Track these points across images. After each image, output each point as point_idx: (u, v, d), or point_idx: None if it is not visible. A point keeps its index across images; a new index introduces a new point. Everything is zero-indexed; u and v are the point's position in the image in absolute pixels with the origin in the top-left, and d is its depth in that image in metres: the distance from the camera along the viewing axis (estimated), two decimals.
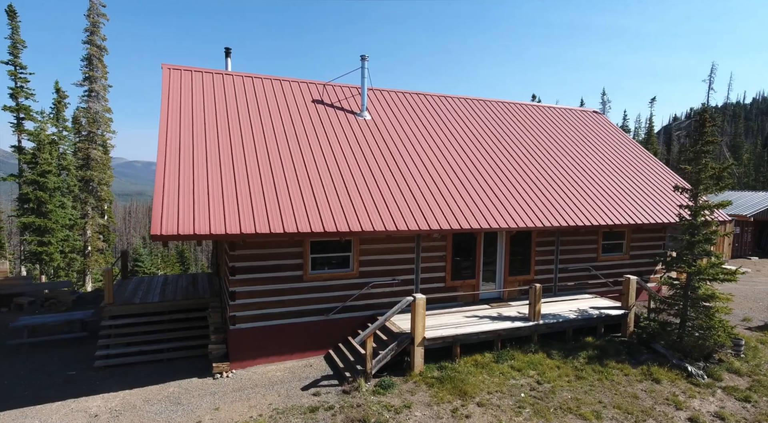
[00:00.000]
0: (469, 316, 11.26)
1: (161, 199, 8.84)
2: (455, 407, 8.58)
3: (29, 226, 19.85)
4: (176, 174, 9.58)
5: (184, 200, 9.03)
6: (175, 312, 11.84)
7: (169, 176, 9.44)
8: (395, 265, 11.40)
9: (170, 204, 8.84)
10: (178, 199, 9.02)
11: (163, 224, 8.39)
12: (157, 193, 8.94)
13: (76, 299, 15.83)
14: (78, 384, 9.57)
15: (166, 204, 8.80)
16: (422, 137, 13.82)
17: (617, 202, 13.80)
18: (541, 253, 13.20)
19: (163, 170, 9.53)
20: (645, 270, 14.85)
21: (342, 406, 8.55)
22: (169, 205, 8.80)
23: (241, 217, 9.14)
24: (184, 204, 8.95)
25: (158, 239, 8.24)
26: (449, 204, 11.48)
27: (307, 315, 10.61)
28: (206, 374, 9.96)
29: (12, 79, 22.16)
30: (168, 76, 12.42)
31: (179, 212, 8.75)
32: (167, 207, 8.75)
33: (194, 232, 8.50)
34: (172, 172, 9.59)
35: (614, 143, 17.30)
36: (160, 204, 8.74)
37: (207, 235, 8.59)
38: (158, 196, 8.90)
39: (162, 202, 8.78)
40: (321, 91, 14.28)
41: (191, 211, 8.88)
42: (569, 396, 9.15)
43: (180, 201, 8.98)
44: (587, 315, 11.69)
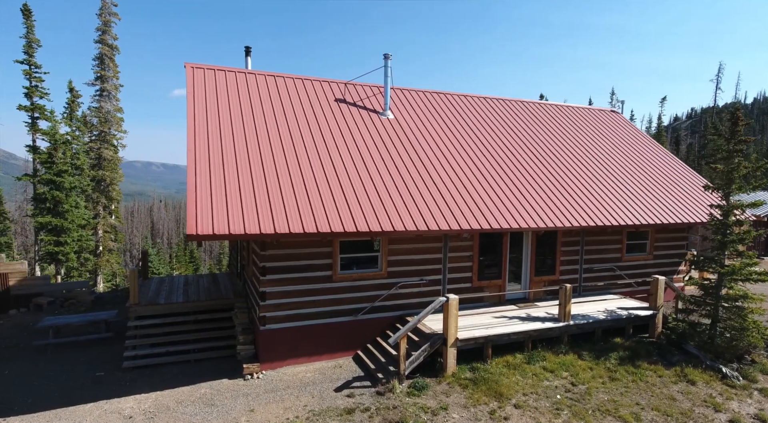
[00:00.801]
0: (498, 317, 11.16)
1: (194, 199, 8.75)
2: (492, 409, 8.48)
3: (45, 225, 19.77)
4: (207, 174, 9.50)
5: (217, 200, 8.94)
6: (200, 312, 11.75)
7: (200, 176, 9.35)
8: (423, 265, 11.31)
9: (204, 204, 8.75)
10: (211, 199, 8.93)
11: (199, 224, 8.30)
12: (189, 193, 8.85)
13: (94, 299, 15.75)
14: (108, 385, 9.49)
15: (200, 204, 8.71)
16: (445, 136, 13.72)
17: (642, 201, 13.69)
18: (566, 253, 13.10)
19: (194, 170, 9.44)
20: (668, 270, 14.74)
21: (378, 408, 8.45)
22: (203, 206, 8.71)
23: (275, 216, 9.05)
24: (218, 204, 8.86)
25: (194, 239, 8.15)
26: (477, 203, 11.38)
27: (336, 315, 10.52)
28: (236, 375, 9.86)
29: (27, 79, 22.11)
30: (192, 75, 12.33)
31: (213, 212, 8.66)
32: (201, 207, 8.66)
33: (229, 232, 8.41)
34: (203, 172, 9.50)
35: (634, 143, 17.19)
36: (194, 204, 8.65)
37: (242, 235, 8.50)
38: (191, 196, 8.81)
39: (195, 203, 8.69)
40: (343, 90, 14.19)
41: (225, 211, 8.79)
42: (606, 398, 9.04)
43: (213, 201, 8.89)
44: (616, 316, 11.58)
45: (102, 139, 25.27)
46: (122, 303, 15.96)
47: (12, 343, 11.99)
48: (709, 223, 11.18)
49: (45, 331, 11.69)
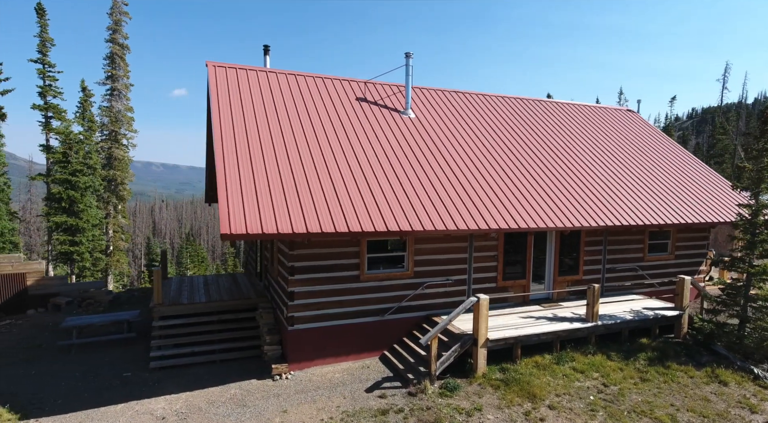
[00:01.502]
0: (525, 317, 11.08)
1: (226, 199, 8.69)
2: (527, 410, 8.41)
3: (61, 225, 19.71)
4: (236, 173, 9.43)
5: (249, 200, 8.88)
6: (223, 312, 11.68)
7: (230, 175, 9.29)
8: (448, 265, 11.24)
9: (235, 203, 8.68)
10: (242, 198, 8.86)
11: (231, 224, 8.23)
12: (220, 193, 8.78)
13: (112, 299, 15.69)
14: (136, 385, 9.42)
15: (232, 203, 8.64)
16: (467, 135, 13.65)
17: (665, 201, 13.61)
18: (590, 253, 13.02)
19: (224, 169, 9.37)
20: (689, 270, 14.65)
21: (411, 409, 8.38)
22: (235, 205, 8.65)
23: (306, 216, 8.98)
24: (249, 204, 8.79)
25: (228, 238, 8.08)
26: (503, 202, 11.30)
27: (363, 315, 10.45)
28: (265, 376, 9.79)
29: (41, 78, 22.05)
30: (214, 74, 12.27)
31: (245, 212, 8.59)
32: (233, 207, 8.59)
33: (262, 232, 8.34)
34: (232, 171, 9.43)
35: (653, 142, 17.11)
36: (226, 203, 8.59)
37: (274, 234, 8.43)
38: (222, 196, 8.75)
39: (227, 202, 8.62)
40: (363, 88, 14.12)
41: (256, 210, 8.72)
42: (639, 399, 8.97)
43: (245, 201, 8.82)
44: (643, 316, 11.50)
45: (113, 139, 25.23)
46: (139, 303, 15.91)
47: (34, 343, 11.93)
48: (738, 223, 11.10)
49: (68, 332, 11.62)
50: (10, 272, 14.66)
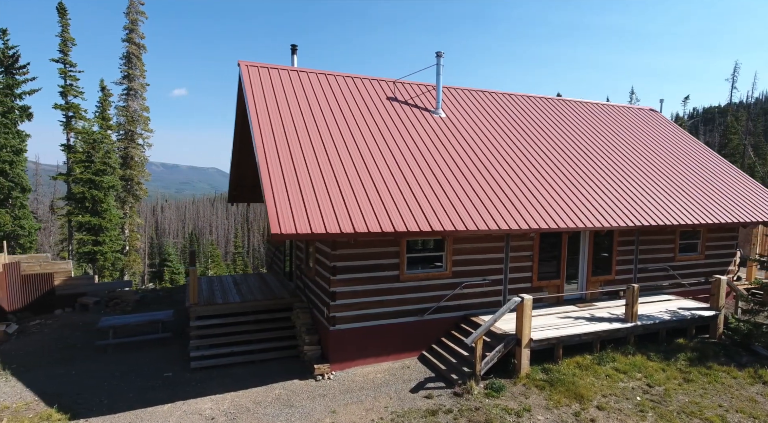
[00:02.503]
0: (563, 317, 11.05)
1: (273, 200, 8.66)
2: (576, 411, 8.37)
3: (84, 225, 19.69)
4: (280, 174, 9.40)
5: (294, 200, 8.85)
6: (258, 312, 11.65)
7: (274, 177, 9.26)
8: (485, 265, 11.20)
9: (282, 204, 8.66)
10: (288, 198, 8.83)
11: (281, 224, 8.21)
12: (267, 194, 8.76)
13: (138, 299, 15.67)
14: (180, 385, 9.40)
15: (279, 204, 8.62)
16: (497, 134, 13.61)
17: (695, 201, 13.56)
18: (622, 253, 12.97)
19: (267, 171, 9.34)
20: (719, 270, 14.61)
21: (460, 410, 8.35)
22: (282, 206, 8.62)
23: (351, 216, 8.95)
24: (296, 204, 8.77)
25: (278, 238, 8.06)
26: (540, 202, 11.27)
27: (402, 315, 10.42)
28: (306, 376, 9.76)
29: (62, 77, 22.03)
30: (247, 74, 12.24)
31: (293, 212, 8.57)
32: (281, 207, 8.57)
33: (311, 232, 8.31)
34: (276, 172, 9.40)
35: (679, 142, 17.05)
36: (273, 204, 8.56)
37: (323, 234, 8.40)
38: (269, 197, 8.72)
39: (274, 203, 8.60)
40: (392, 88, 14.08)
41: (303, 210, 8.70)
42: (686, 399, 8.93)
43: (291, 201, 8.80)
44: (680, 316, 11.46)
45: (129, 138, 25.22)
46: (165, 302, 15.90)
47: (68, 342, 11.92)
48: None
49: (104, 332, 11.61)
50: (38, 272, 14.66)
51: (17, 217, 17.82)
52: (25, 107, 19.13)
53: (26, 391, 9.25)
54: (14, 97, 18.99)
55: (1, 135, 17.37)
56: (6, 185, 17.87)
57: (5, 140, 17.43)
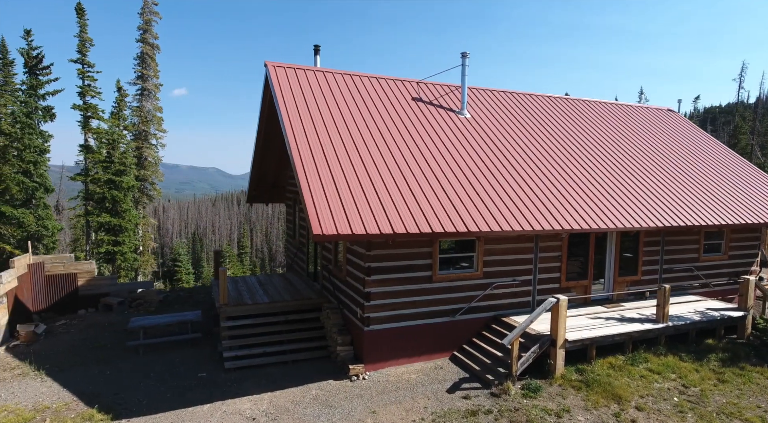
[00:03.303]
0: (593, 318, 11.06)
1: (312, 201, 8.69)
2: (615, 411, 8.39)
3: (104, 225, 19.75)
4: (316, 175, 9.43)
5: (333, 201, 8.88)
6: (288, 313, 11.68)
7: (311, 178, 9.29)
8: (515, 265, 11.22)
9: (322, 206, 8.69)
10: (326, 200, 8.86)
11: (322, 225, 8.24)
12: (306, 196, 8.79)
13: (162, 299, 15.71)
14: (216, 385, 9.43)
15: (318, 206, 8.66)
16: (522, 135, 13.62)
17: (720, 201, 13.56)
18: (648, 253, 12.98)
19: (304, 173, 9.37)
20: (742, 270, 14.60)
21: (500, 410, 8.37)
22: (321, 208, 8.66)
23: (389, 216, 8.98)
24: (335, 205, 8.80)
25: (320, 239, 8.09)
26: (570, 202, 11.29)
27: (434, 316, 10.44)
28: (341, 376, 9.79)
29: (80, 78, 22.08)
30: (275, 74, 12.26)
31: (333, 213, 8.60)
32: (320, 209, 8.60)
33: (351, 232, 8.34)
34: (312, 173, 9.43)
35: (700, 142, 17.05)
36: (313, 206, 8.60)
37: (362, 235, 8.43)
38: (308, 198, 8.75)
39: (314, 205, 8.63)
40: (417, 88, 14.10)
41: (342, 212, 8.72)
42: (724, 400, 8.93)
43: (329, 202, 8.83)
44: (710, 317, 11.47)
45: (143, 138, 25.28)
46: (188, 303, 15.93)
47: (98, 342, 11.95)
48: None
49: (135, 332, 11.65)
50: (62, 272, 14.70)
51: (40, 217, 17.90)
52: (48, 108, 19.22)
53: (63, 391, 9.29)
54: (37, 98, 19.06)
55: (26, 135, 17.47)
56: (30, 185, 17.97)
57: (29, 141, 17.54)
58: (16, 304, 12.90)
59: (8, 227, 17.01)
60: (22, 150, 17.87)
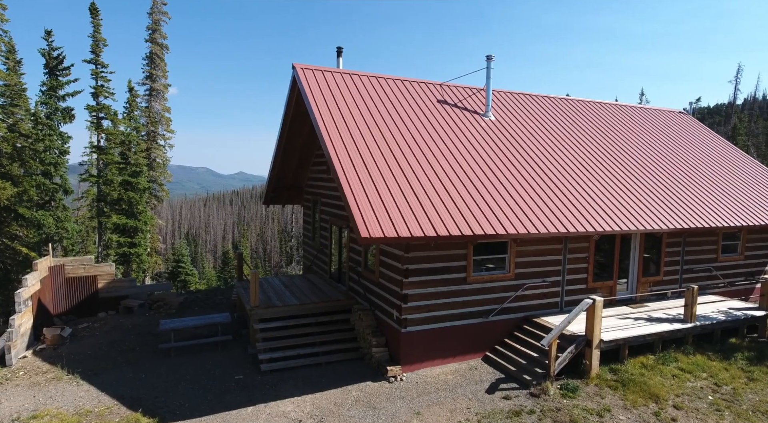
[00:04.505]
0: (622, 318, 11.22)
1: (356, 205, 8.77)
2: (655, 411, 8.54)
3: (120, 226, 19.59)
4: (356, 177, 9.48)
5: (376, 205, 8.96)
6: (318, 314, 11.72)
7: (352, 181, 9.36)
8: (545, 267, 11.35)
9: (366, 209, 8.77)
10: (370, 203, 8.93)
11: (369, 229, 8.32)
12: (349, 200, 8.86)
13: (183, 301, 15.66)
14: (255, 388, 9.44)
15: (363, 209, 8.74)
16: (545, 137, 13.77)
17: (737, 202, 13.81)
18: (670, 254, 13.18)
19: (344, 174, 9.42)
20: (757, 270, 14.88)
21: (542, 410, 8.48)
22: (366, 211, 8.73)
23: (431, 219, 9.06)
24: (378, 209, 8.87)
25: (367, 242, 8.17)
26: (599, 203, 11.47)
27: (468, 317, 10.54)
28: (378, 378, 9.85)
29: (93, 78, 21.86)
30: (303, 76, 12.28)
31: (377, 217, 8.67)
32: (365, 212, 8.68)
33: (397, 235, 8.42)
34: (352, 176, 9.49)
35: (713, 144, 17.32)
36: (357, 210, 8.67)
37: (408, 237, 8.51)
38: (351, 202, 8.82)
39: (358, 208, 8.71)
40: (441, 91, 14.19)
41: (386, 215, 8.79)
42: (757, 399, 9.12)
43: (373, 205, 8.90)
44: (733, 316, 11.68)
45: (152, 139, 25.11)
46: (207, 305, 15.88)
47: (126, 345, 11.91)
48: None
49: (164, 334, 11.62)
50: (81, 275, 14.60)
51: (59, 219, 17.73)
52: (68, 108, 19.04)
53: (103, 395, 9.26)
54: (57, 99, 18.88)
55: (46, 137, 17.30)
56: (51, 187, 17.81)
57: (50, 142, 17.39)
58: (38, 307, 12.80)
59: (25, 229, 16.84)
60: (40, 152, 17.68)
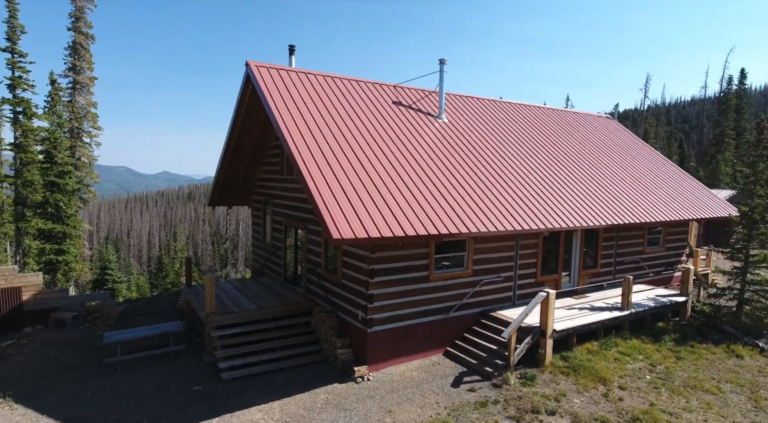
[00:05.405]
0: (569, 309, 12.05)
1: (324, 206, 8.69)
2: (604, 392, 9.30)
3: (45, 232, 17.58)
4: (322, 178, 9.39)
5: (344, 205, 8.93)
6: (278, 318, 11.46)
7: (318, 181, 9.25)
8: (499, 263, 11.92)
9: (335, 210, 8.71)
10: (338, 204, 8.89)
11: (339, 230, 8.28)
12: (317, 200, 8.76)
13: (122, 311, 14.57)
14: (218, 398, 9.06)
15: (332, 210, 8.67)
16: (496, 139, 14.43)
17: (660, 200, 15.33)
18: (605, 248, 14.36)
19: (310, 175, 9.30)
20: (674, 261, 16.61)
21: (506, 399, 8.94)
22: (335, 211, 8.68)
23: (398, 220, 9.20)
24: (347, 209, 8.85)
25: (339, 243, 8.13)
26: (548, 203, 12.22)
27: (430, 314, 10.82)
28: (344, 379, 9.83)
29: (10, 69, 19.42)
30: (259, 75, 11.92)
31: (347, 218, 8.65)
32: (334, 213, 8.62)
33: (368, 236, 8.47)
34: (318, 177, 9.38)
35: (637, 147, 19.05)
36: (326, 210, 8.59)
37: (378, 238, 8.59)
38: (320, 203, 8.73)
39: (327, 209, 8.64)
40: (395, 93, 14.38)
41: (355, 215, 8.80)
42: (685, 375, 10.23)
43: (341, 206, 8.86)
44: (661, 302, 12.98)
45: (76, 136, 22.98)
46: (151, 314, 14.93)
47: (64, 363, 10.90)
48: (736, 219, 12.89)
49: (111, 348, 10.78)
50: (3, 286, 13.15)
51: None
52: None
53: (44, 418, 8.45)
54: None
55: None
56: None
57: None
58: None
59: None
60: None
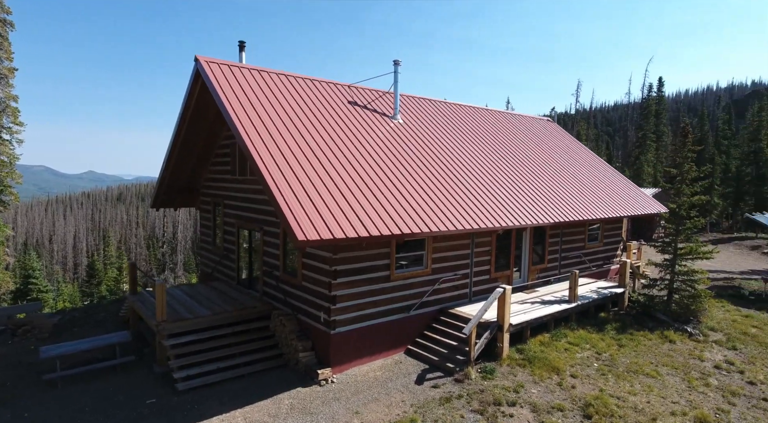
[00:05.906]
0: (521, 303, 12.60)
1: (287, 206, 8.48)
2: (557, 381, 9.82)
3: None
4: (283, 179, 9.17)
5: (307, 206, 8.78)
6: (234, 324, 11.06)
7: (279, 182, 9.02)
8: (456, 261, 12.23)
9: (298, 211, 8.53)
10: (300, 205, 8.72)
11: (304, 231, 8.13)
12: (279, 201, 8.54)
13: (57, 323, 13.38)
14: (175, 411, 8.60)
15: (295, 212, 8.49)
16: (449, 140, 14.77)
17: (598, 199, 16.42)
18: (551, 244, 15.15)
19: (270, 176, 9.04)
20: (611, 255, 17.85)
21: (468, 393, 9.20)
22: (298, 213, 8.50)
23: (362, 220, 9.18)
24: (310, 210, 8.71)
25: (304, 245, 7.98)
26: (501, 202, 12.69)
27: (391, 314, 10.90)
28: (308, 382, 9.67)
29: None
30: (210, 71, 11.41)
31: (310, 219, 8.50)
32: (298, 215, 8.45)
33: (333, 237, 8.38)
34: (278, 177, 9.15)
35: (576, 149, 20.25)
36: (289, 211, 8.39)
37: (343, 239, 8.52)
38: (282, 203, 8.51)
39: (290, 209, 8.43)
40: (350, 93, 14.31)
41: (319, 217, 8.67)
42: (627, 361, 11.03)
43: (304, 208, 8.70)
44: (603, 294, 13.89)
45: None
46: (89, 324, 13.85)
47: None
48: (665, 215, 14.06)
49: (49, 363, 9.88)
50: None
51: None
52: None
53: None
54: None
55: None
56: None
57: None
58: None
59: None
60: None
